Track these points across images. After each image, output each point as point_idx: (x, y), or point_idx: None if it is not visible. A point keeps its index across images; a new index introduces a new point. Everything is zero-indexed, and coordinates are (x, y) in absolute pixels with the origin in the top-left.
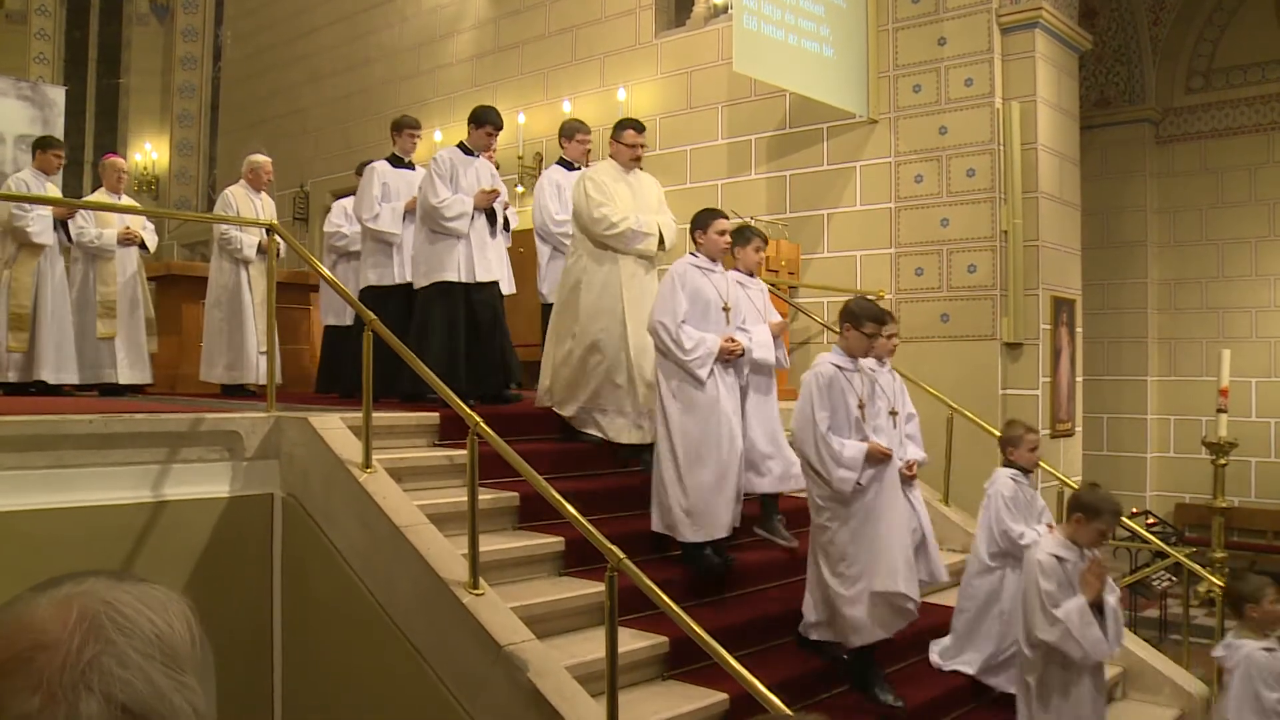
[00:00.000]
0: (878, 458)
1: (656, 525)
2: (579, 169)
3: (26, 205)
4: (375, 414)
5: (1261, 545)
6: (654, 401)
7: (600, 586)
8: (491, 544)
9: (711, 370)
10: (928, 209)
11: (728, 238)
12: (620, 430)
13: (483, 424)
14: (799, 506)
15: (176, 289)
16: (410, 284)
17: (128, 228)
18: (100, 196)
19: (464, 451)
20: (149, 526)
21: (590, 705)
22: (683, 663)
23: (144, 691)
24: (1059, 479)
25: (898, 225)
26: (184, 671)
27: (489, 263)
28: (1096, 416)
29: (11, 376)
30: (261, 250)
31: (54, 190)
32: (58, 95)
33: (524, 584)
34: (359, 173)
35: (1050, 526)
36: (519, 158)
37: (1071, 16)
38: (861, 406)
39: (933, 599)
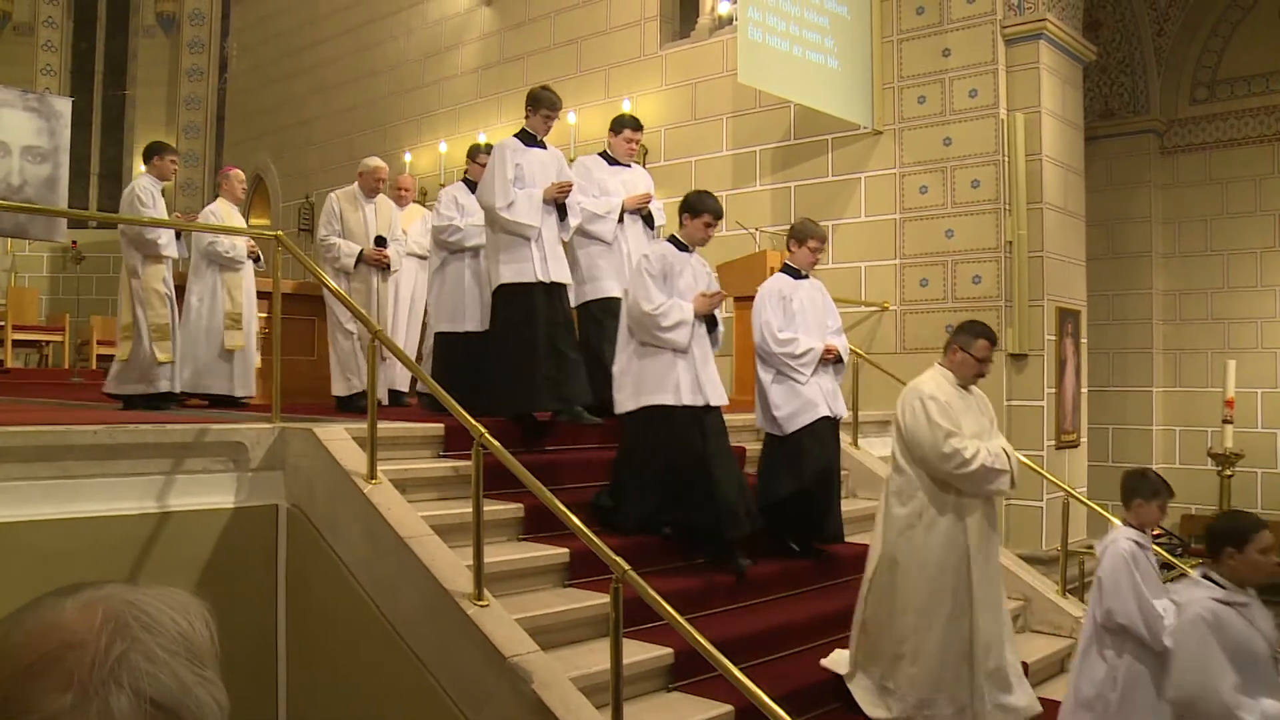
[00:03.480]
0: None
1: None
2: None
3: (154, 214)
4: (380, 424)
5: None
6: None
7: (605, 598)
8: (496, 555)
9: None
10: (932, 220)
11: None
12: None
13: (487, 435)
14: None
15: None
16: (554, 283)
17: (252, 242)
18: (221, 207)
19: (469, 462)
20: (154, 537)
21: (595, 717)
22: (688, 674)
23: (171, 686)
24: (1065, 490)
25: (902, 236)
26: (207, 667)
27: (716, 384)
28: (1102, 427)
29: (163, 387)
30: (362, 260)
31: (162, 199)
32: (64, 107)
33: (529, 595)
34: (472, 157)
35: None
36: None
37: (1075, 28)
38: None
39: None
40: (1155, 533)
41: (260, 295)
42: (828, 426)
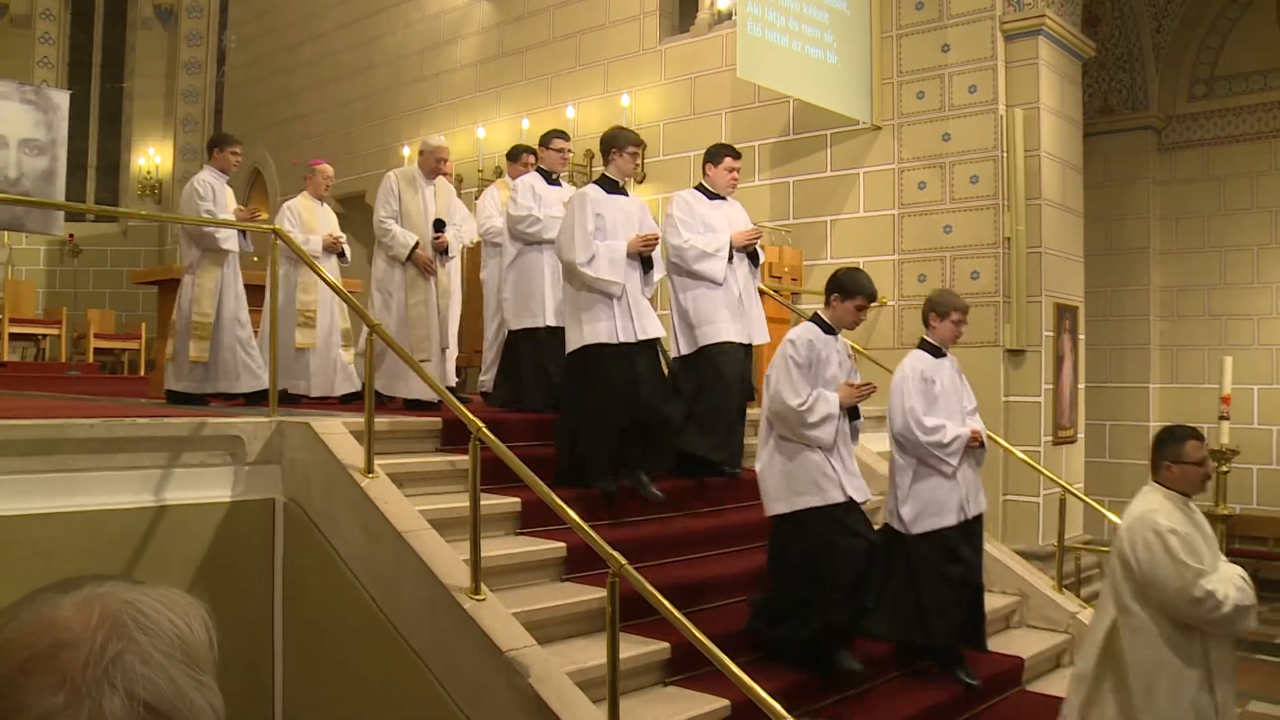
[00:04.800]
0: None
1: None
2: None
3: (214, 208)
4: (377, 419)
5: (1264, 553)
6: None
7: (602, 592)
8: (493, 549)
9: None
10: (931, 215)
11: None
12: None
13: (485, 429)
14: None
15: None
16: (642, 340)
17: (333, 235)
18: (303, 201)
19: (466, 457)
20: (151, 531)
21: (591, 711)
22: (684, 669)
23: (166, 690)
24: (1062, 486)
25: (901, 232)
26: (203, 671)
27: (857, 477)
28: (1099, 423)
29: (180, 386)
30: (413, 260)
31: (229, 190)
32: (62, 99)
33: (526, 589)
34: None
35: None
36: None
37: (1074, 24)
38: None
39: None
40: None
41: (260, 289)
42: (962, 533)
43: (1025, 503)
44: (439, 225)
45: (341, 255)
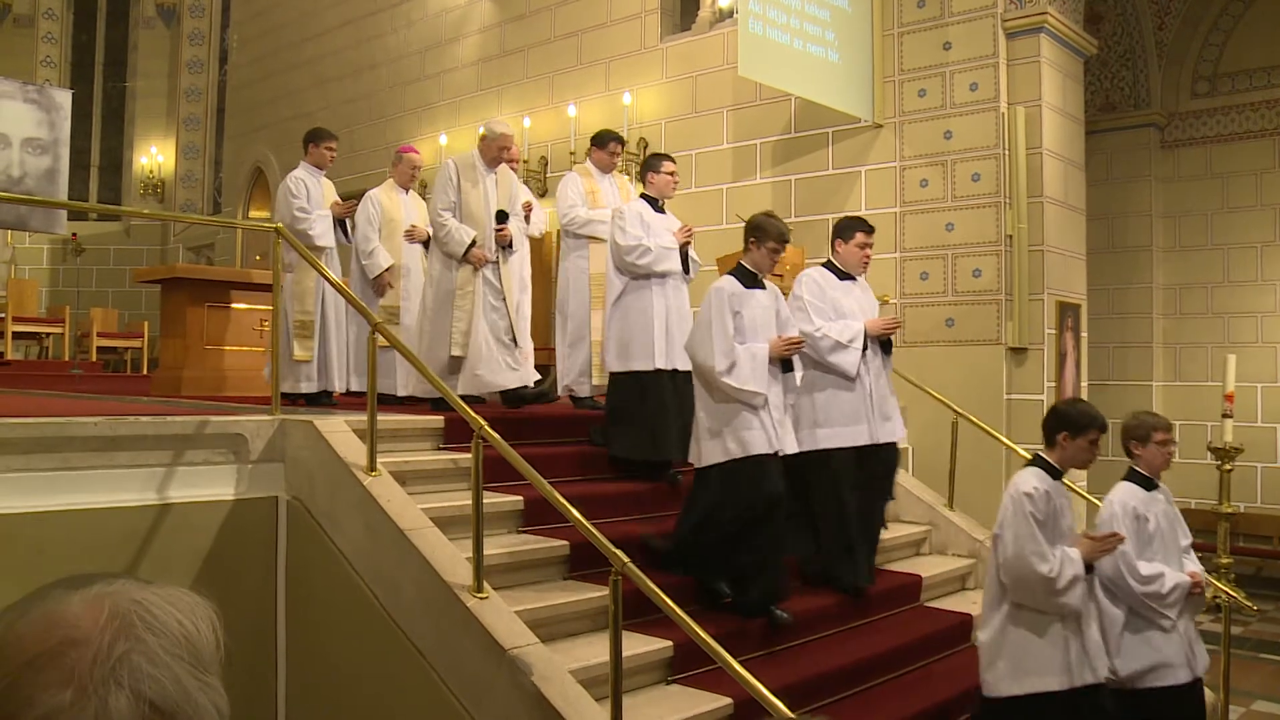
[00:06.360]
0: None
1: None
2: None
3: (306, 205)
4: (380, 417)
5: (1267, 551)
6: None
7: (604, 590)
8: (496, 547)
9: None
10: (933, 213)
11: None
12: None
13: (487, 427)
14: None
15: (180, 292)
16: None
17: (414, 226)
18: (386, 191)
19: (468, 455)
20: (154, 529)
21: (594, 709)
22: (687, 667)
23: (171, 690)
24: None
25: (902, 230)
26: (209, 673)
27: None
28: None
29: (304, 387)
30: (469, 259)
31: (329, 187)
32: (64, 98)
33: (528, 588)
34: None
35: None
36: (524, 161)
37: (1076, 21)
38: None
39: None
40: None
41: (264, 289)
42: (1186, 696)
43: None
44: (501, 216)
45: (426, 245)
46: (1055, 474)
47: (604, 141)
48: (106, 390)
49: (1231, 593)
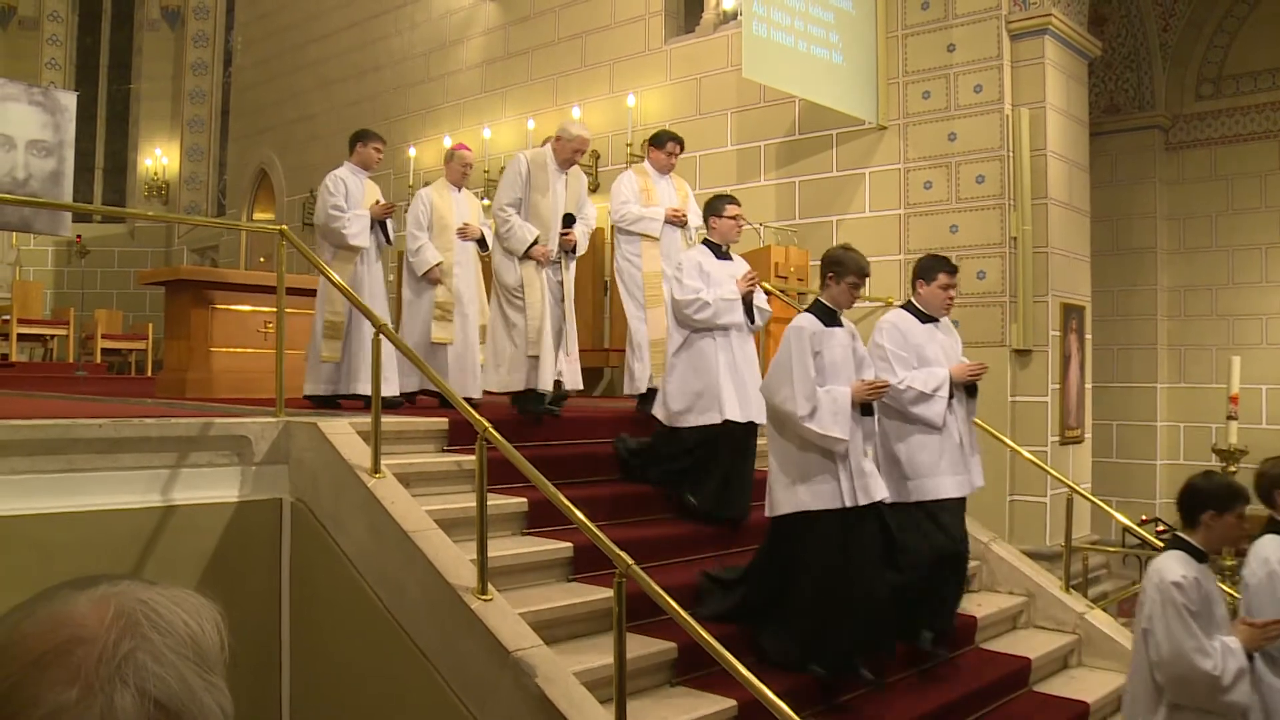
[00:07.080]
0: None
1: None
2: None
3: (342, 204)
4: (384, 419)
5: None
6: None
7: (609, 592)
8: (500, 549)
9: None
10: (937, 215)
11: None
12: None
13: (491, 429)
14: None
15: (185, 294)
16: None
17: (467, 224)
18: (434, 192)
19: (473, 457)
20: (158, 531)
21: (599, 711)
22: (691, 669)
23: (177, 688)
24: (1069, 486)
25: (907, 231)
26: (214, 673)
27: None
28: (1106, 423)
29: (322, 390)
30: (531, 255)
31: (373, 188)
32: (69, 101)
33: (532, 590)
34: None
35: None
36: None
37: (1081, 23)
38: None
39: None
40: (1160, 529)
41: (267, 290)
42: None
43: (1032, 503)
44: (568, 220)
45: (481, 243)
46: (1201, 557)
47: (662, 142)
48: (111, 392)
49: (1235, 594)
